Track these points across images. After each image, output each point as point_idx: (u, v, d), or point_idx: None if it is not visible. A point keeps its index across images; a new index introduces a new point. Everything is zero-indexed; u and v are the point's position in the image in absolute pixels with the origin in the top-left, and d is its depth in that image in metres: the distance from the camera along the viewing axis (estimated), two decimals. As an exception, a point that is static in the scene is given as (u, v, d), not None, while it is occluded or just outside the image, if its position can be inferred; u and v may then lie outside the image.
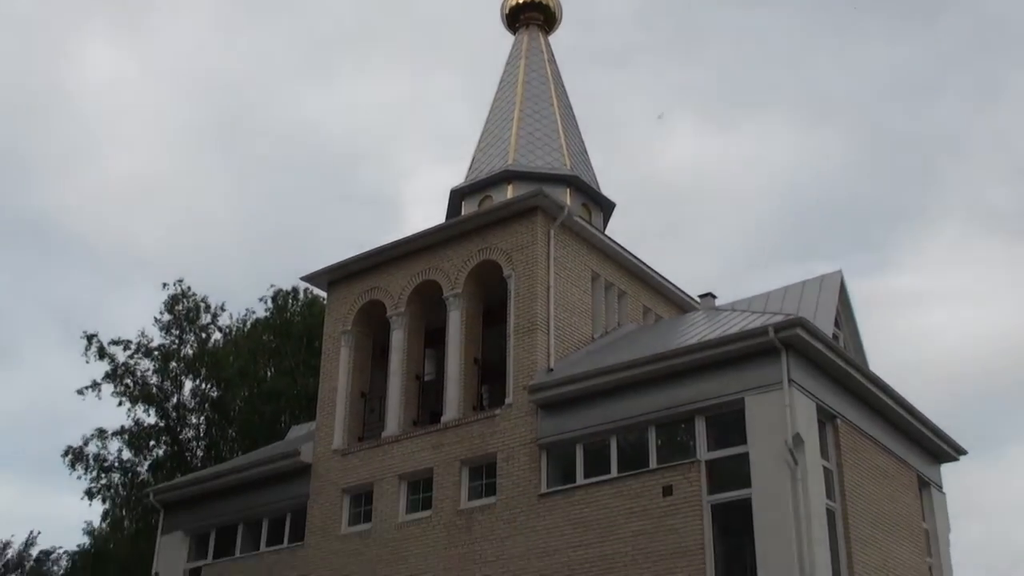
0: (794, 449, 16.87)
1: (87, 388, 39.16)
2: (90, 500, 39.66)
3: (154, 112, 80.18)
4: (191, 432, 40.82)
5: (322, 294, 27.03)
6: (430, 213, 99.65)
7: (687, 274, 72.62)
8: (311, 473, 23.12)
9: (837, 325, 22.43)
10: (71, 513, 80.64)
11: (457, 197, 26.90)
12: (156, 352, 40.17)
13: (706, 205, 77.22)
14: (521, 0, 30.08)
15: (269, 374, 40.81)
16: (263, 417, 38.78)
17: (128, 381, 39.56)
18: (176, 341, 40.95)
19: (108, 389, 39.32)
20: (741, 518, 17.12)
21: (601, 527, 18.34)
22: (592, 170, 27.83)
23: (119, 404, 39.45)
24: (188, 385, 40.71)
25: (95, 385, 39.24)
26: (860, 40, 74.25)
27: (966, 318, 65.52)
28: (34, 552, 49.08)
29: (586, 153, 28.16)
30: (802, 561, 16.26)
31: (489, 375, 22.27)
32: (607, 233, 24.39)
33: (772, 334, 17.35)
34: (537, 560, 18.88)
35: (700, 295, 23.95)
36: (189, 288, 41.48)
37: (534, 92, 28.19)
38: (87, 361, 39.62)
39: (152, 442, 40.23)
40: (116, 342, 39.62)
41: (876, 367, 21.41)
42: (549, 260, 21.35)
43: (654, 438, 18.61)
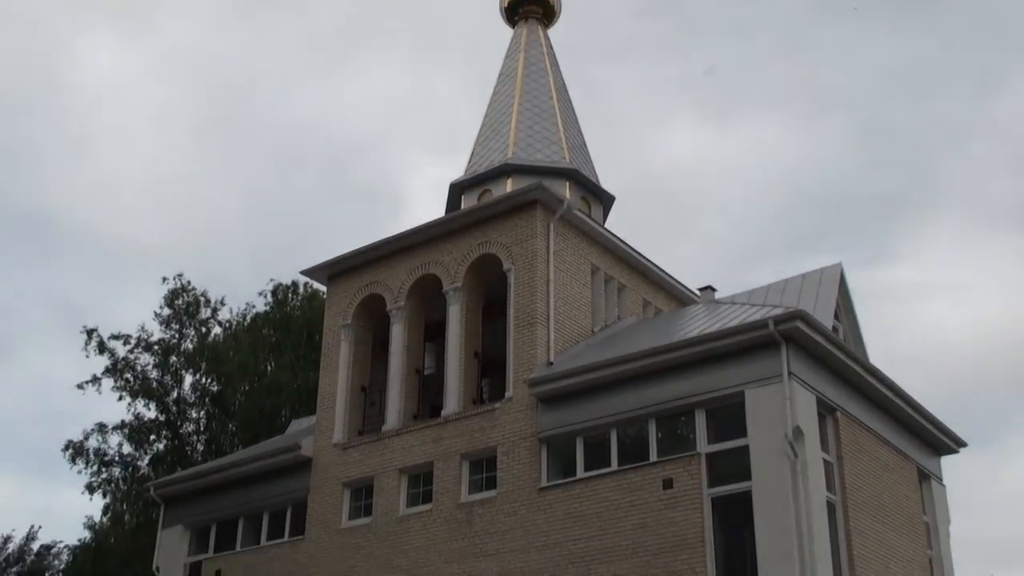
0: (794, 442, 16.88)
1: (87, 382, 39.31)
2: (91, 494, 39.90)
3: (154, 107, 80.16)
4: (191, 426, 40.92)
5: (322, 288, 27.06)
6: (430, 207, 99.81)
7: (687, 267, 72.60)
8: (311, 467, 23.14)
9: (837, 318, 22.47)
10: (72, 507, 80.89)
11: (456, 191, 26.89)
12: (156, 346, 40.22)
13: (706, 198, 77.19)
14: (520, -6, 30.01)
15: (269, 368, 40.88)
16: (263, 411, 38.82)
17: (128, 375, 39.64)
18: (176, 335, 41.05)
19: (108, 383, 39.49)
20: (741, 511, 17.13)
21: (601, 520, 18.35)
22: (591, 164, 27.80)
23: (119, 398, 39.63)
24: (188, 379, 40.88)
25: (95, 379, 39.34)
26: (859, 33, 74.18)
27: (966, 310, 65.65)
28: (35, 546, 49.05)
29: (585, 147, 28.13)
30: (802, 554, 16.27)
31: (489, 369, 22.30)
32: (607, 226, 24.35)
33: (772, 327, 17.35)
34: (537, 553, 18.90)
35: (700, 288, 23.96)
36: (189, 282, 41.65)
37: (533, 86, 28.16)
38: (87, 356, 39.82)
39: (152, 436, 40.37)
40: (116, 336, 39.75)
41: (876, 359, 21.49)
42: (549, 254, 21.34)
43: (654, 431, 18.61)
